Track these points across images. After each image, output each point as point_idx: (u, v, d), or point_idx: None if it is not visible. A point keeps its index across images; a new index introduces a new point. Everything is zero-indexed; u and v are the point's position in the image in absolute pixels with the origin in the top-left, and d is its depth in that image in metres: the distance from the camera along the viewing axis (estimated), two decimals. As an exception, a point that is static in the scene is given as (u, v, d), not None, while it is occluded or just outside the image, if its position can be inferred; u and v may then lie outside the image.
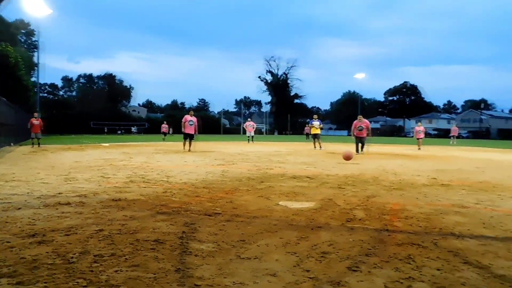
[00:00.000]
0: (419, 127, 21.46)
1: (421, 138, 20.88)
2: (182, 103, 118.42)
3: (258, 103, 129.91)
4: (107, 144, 20.28)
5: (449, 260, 2.67)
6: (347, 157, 10.47)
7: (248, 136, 26.30)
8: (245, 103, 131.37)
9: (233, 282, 2.24)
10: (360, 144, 14.84)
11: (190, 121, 15.02)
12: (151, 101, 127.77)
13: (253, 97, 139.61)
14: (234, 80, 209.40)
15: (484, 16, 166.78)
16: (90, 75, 77.99)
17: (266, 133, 69.93)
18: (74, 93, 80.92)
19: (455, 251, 2.87)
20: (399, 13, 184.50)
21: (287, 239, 3.11)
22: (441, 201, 4.93)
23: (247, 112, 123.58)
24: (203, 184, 6.18)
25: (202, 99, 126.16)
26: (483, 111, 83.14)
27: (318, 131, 19.28)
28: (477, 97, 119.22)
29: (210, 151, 15.19)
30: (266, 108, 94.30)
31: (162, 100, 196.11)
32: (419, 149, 19.84)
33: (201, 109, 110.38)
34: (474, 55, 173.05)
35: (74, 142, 23.54)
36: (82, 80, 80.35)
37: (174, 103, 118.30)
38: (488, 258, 2.74)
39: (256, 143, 25.30)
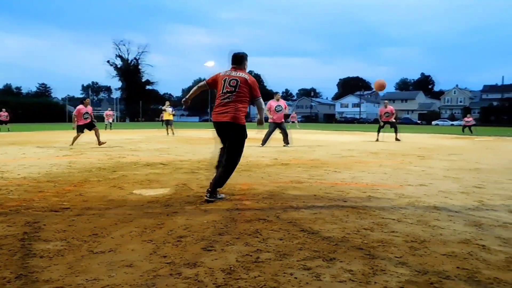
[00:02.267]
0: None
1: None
2: (18, 88, 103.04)
3: (108, 89, 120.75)
4: None
5: (289, 230, 3.08)
6: None
7: (106, 124, 27.08)
8: (93, 89, 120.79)
9: (86, 279, 2.14)
10: (272, 133, 11.67)
11: (85, 114, 12.11)
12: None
13: (102, 82, 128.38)
14: (80, 63, 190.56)
15: (314, 15, 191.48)
16: None
17: (117, 121, 65.57)
18: None
19: (294, 222, 3.33)
20: (245, 6, 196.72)
21: (143, 228, 3.10)
22: (282, 179, 5.57)
23: (96, 99, 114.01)
24: (47, 177, 5.57)
25: (43, 84, 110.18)
26: (313, 99, 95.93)
27: (171, 118, 19.35)
28: (308, 86, 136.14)
29: (54, 141, 13.61)
30: (116, 94, 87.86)
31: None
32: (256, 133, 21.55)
33: (42, 94, 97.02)
34: (306, 49, 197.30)
35: None
36: None
37: (8, 87, 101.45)
38: (318, 224, 3.26)
39: (107, 131, 23.73)
